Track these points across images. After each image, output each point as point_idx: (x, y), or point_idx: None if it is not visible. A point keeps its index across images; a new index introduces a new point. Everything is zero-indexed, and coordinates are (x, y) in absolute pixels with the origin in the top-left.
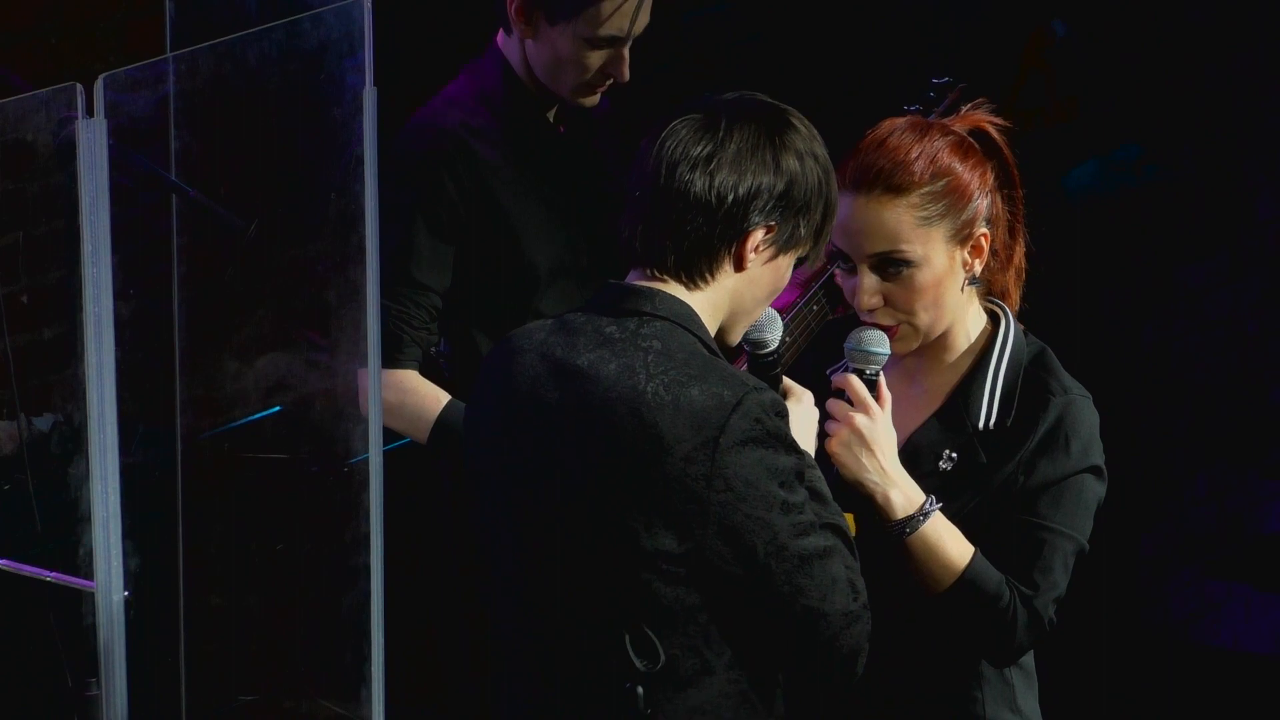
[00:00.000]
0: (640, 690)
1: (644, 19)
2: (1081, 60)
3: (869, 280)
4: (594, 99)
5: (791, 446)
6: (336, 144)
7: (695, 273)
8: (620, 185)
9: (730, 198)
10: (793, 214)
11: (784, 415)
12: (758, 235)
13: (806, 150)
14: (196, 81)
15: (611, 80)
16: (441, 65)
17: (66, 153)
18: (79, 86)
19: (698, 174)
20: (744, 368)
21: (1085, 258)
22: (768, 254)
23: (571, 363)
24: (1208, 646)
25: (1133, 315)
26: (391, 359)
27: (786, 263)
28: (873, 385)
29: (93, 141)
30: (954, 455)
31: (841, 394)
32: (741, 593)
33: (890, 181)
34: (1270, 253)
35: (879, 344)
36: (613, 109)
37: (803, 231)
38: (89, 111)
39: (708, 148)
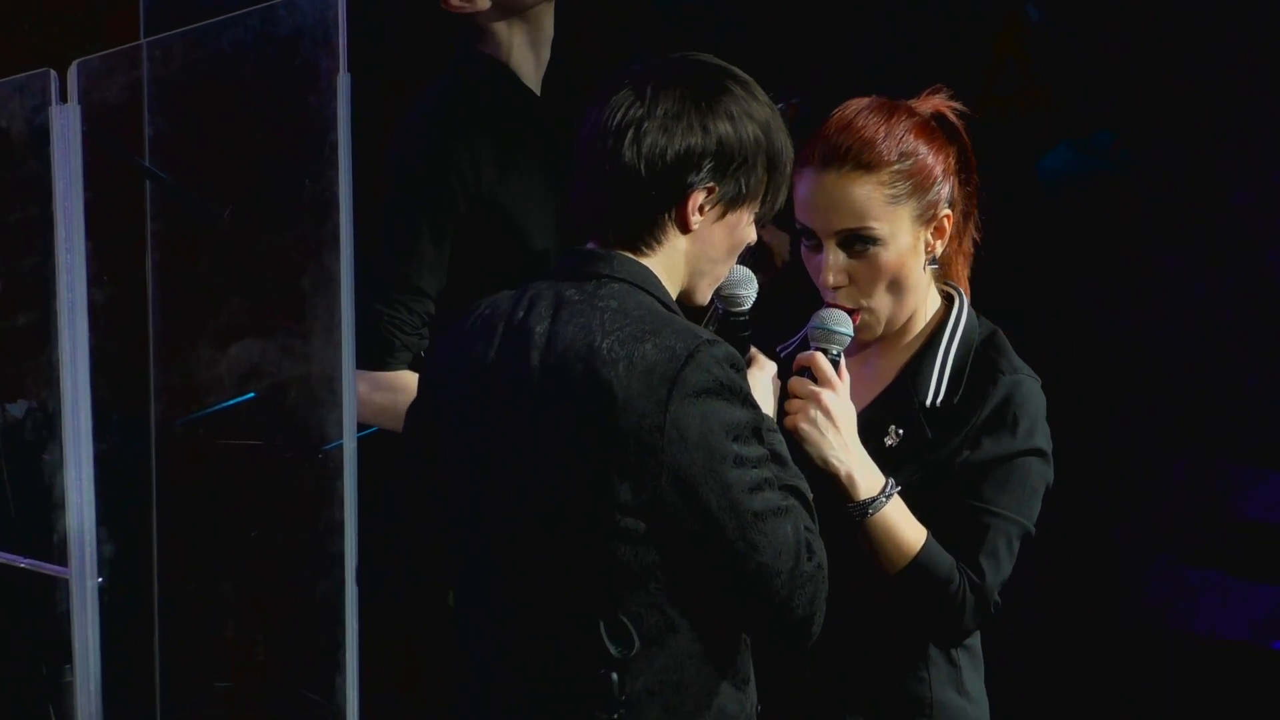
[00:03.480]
0: (615, 677)
1: None
2: (1056, 46)
3: (835, 257)
4: None
5: (747, 400)
6: (311, 131)
7: (638, 239)
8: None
9: (659, 164)
10: (731, 174)
11: (739, 368)
12: (698, 198)
13: (741, 112)
14: (170, 68)
15: None
16: (416, 51)
17: (40, 139)
18: (52, 73)
19: (626, 141)
20: (713, 328)
21: (1061, 245)
22: (714, 214)
23: (532, 328)
24: (1183, 634)
25: (1108, 303)
26: (382, 362)
27: (740, 219)
28: (834, 365)
29: (66, 128)
30: (900, 431)
31: (805, 371)
32: (697, 548)
33: (860, 159)
34: (1246, 241)
35: (843, 324)
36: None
37: (746, 189)
38: (63, 97)
39: (636, 113)
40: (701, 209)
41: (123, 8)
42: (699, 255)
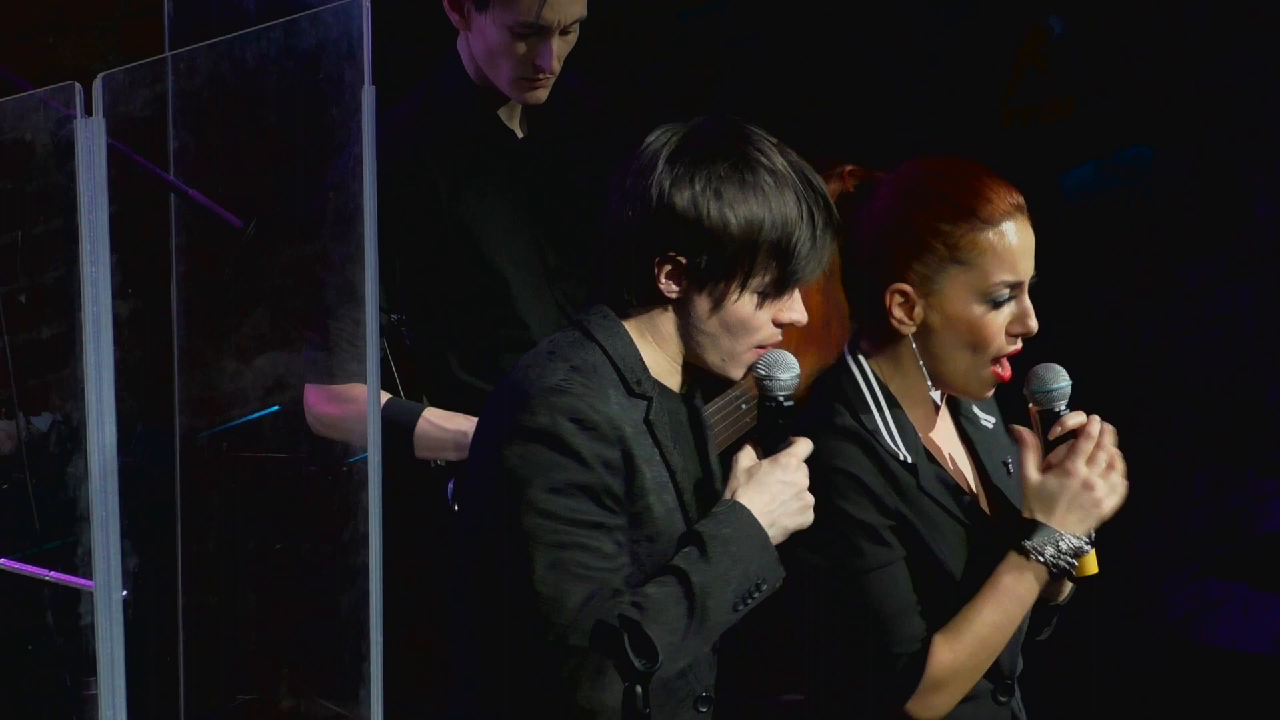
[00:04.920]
0: (639, 690)
1: (573, 8)
2: (1078, 58)
3: (1030, 302)
4: (536, 94)
5: (581, 459)
6: (335, 143)
7: (621, 299)
8: (591, 184)
9: (640, 227)
10: (705, 249)
11: (587, 427)
12: (666, 267)
13: (734, 196)
14: (195, 81)
15: (544, 73)
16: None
17: (65, 152)
18: (78, 86)
19: (626, 202)
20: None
21: (1084, 257)
22: (691, 287)
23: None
24: (1205, 646)
25: (1131, 314)
26: (330, 375)
27: (728, 295)
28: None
29: (91, 141)
30: (1009, 461)
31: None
32: (503, 588)
33: (1026, 207)
34: (1268, 252)
35: (1062, 378)
36: (604, 107)
37: (735, 268)
38: (87, 111)
39: (642, 180)
40: (676, 279)
41: (146, 21)
42: (686, 325)
